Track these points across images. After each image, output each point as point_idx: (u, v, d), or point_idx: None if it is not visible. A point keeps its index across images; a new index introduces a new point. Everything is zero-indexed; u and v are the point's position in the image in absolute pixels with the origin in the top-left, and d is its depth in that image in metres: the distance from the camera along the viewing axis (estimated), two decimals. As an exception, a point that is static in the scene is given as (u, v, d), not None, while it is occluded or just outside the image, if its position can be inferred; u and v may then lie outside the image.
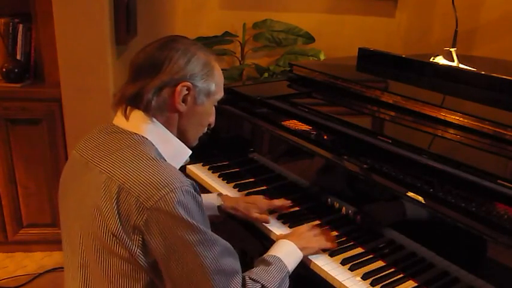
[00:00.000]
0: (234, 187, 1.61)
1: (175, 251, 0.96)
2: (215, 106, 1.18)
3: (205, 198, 1.43)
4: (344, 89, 1.71)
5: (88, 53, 2.19)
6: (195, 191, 1.00)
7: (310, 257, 1.25)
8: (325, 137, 1.49)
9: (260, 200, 1.46)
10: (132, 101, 1.06)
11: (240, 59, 2.82)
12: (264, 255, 1.19)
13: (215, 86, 1.13)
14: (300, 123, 1.57)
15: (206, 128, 1.19)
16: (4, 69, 2.25)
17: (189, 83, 1.06)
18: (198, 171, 1.70)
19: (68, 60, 2.20)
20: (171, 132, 1.10)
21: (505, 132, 1.28)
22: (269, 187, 1.61)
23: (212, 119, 1.19)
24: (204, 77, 1.09)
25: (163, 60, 1.05)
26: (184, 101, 1.08)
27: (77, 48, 2.18)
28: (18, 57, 2.32)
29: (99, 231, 0.97)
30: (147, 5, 2.70)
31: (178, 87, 1.05)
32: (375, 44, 2.12)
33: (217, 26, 2.75)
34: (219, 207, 1.44)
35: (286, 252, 1.20)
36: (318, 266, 1.23)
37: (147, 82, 1.04)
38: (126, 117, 1.07)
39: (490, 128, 1.31)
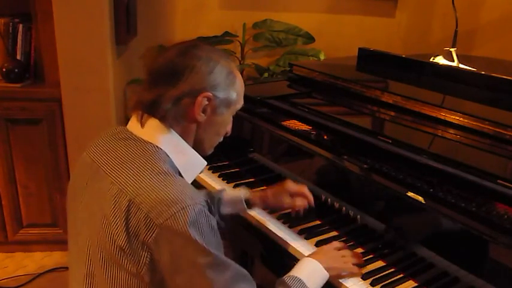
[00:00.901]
0: (234, 187, 1.60)
1: (183, 271, 0.93)
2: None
3: (233, 193, 1.43)
4: (344, 89, 1.71)
5: (88, 53, 2.19)
6: (208, 209, 0.96)
7: (304, 252, 1.25)
8: (325, 137, 1.49)
9: (287, 183, 1.39)
10: (149, 108, 1.02)
11: (240, 59, 2.82)
12: (285, 276, 1.13)
13: (236, 95, 1.09)
14: (300, 123, 1.57)
15: (222, 137, 1.16)
16: (4, 69, 2.25)
17: (210, 94, 1.02)
18: (198, 171, 1.70)
19: (68, 60, 2.20)
20: (187, 142, 1.06)
21: (505, 132, 1.28)
22: (269, 187, 1.60)
23: (229, 128, 1.15)
24: (225, 87, 1.05)
25: (185, 68, 1.00)
26: (203, 111, 1.03)
27: (77, 48, 2.18)
28: (18, 57, 2.32)
29: (107, 243, 0.95)
30: (147, 5, 2.70)
31: (199, 98, 1.01)
32: (374, 44, 2.12)
33: (217, 26, 2.75)
34: (246, 200, 1.39)
35: (310, 272, 1.14)
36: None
37: (166, 90, 1.00)
38: (142, 125, 1.03)
39: (490, 128, 1.31)
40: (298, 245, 1.30)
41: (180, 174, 1.04)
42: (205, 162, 1.11)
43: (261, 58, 2.89)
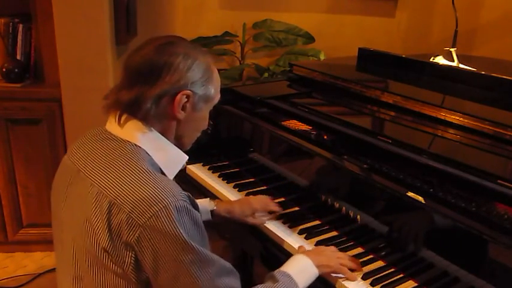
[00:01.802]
0: (234, 187, 1.61)
1: (167, 269, 0.93)
2: (213, 108, 1.16)
3: (199, 201, 1.37)
4: (344, 89, 1.71)
5: (88, 53, 2.19)
6: (191, 205, 0.97)
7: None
8: (325, 137, 1.49)
9: (254, 200, 1.44)
10: (129, 108, 1.01)
11: (240, 59, 2.82)
12: (274, 271, 1.13)
13: (214, 91, 1.10)
14: (300, 123, 1.57)
15: (200, 133, 1.16)
16: (4, 69, 2.25)
17: (189, 91, 1.03)
18: (198, 171, 1.70)
19: (68, 60, 2.20)
20: (168, 138, 1.06)
21: (505, 132, 1.28)
22: (269, 187, 1.61)
23: (207, 123, 1.16)
24: (204, 83, 1.05)
25: (163, 66, 1.00)
26: (183, 108, 1.04)
27: (77, 48, 2.18)
28: (18, 57, 2.32)
29: (91, 246, 0.95)
30: (147, 5, 2.70)
31: (178, 96, 1.01)
32: (374, 44, 2.12)
33: (217, 26, 2.75)
34: (211, 211, 1.40)
35: (300, 268, 1.14)
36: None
37: (146, 90, 0.99)
38: (121, 125, 1.02)
39: (490, 128, 1.31)
40: (298, 245, 1.30)
41: (161, 172, 1.04)
42: (187, 157, 1.11)
43: (261, 58, 2.89)
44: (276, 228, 1.38)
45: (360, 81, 1.71)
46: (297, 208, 1.49)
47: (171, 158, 1.07)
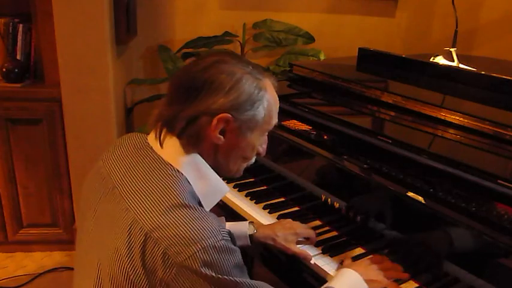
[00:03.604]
0: (234, 187, 1.61)
1: None
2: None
3: (236, 226, 1.31)
4: (344, 89, 1.71)
5: (88, 53, 2.19)
6: (231, 241, 0.91)
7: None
8: (325, 137, 1.49)
9: (297, 225, 1.32)
10: (167, 124, 0.96)
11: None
12: (322, 287, 1.08)
13: (265, 115, 0.98)
14: (300, 123, 1.57)
15: (254, 159, 1.07)
16: (4, 69, 2.25)
17: (228, 115, 0.92)
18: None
19: (68, 60, 2.20)
20: (208, 163, 0.98)
21: (505, 132, 1.28)
22: (269, 187, 1.61)
23: (261, 150, 1.06)
24: (249, 107, 0.94)
25: (203, 85, 0.92)
26: (222, 133, 0.95)
27: (77, 48, 2.18)
28: (18, 57, 2.32)
29: (120, 275, 0.88)
30: (147, 5, 2.70)
31: (215, 120, 0.92)
32: (374, 44, 2.12)
33: (217, 26, 2.75)
34: (250, 236, 1.29)
35: (349, 285, 1.09)
36: (318, 266, 1.23)
37: (182, 109, 0.93)
38: (161, 141, 0.96)
39: (490, 128, 1.31)
40: (298, 245, 1.30)
41: (199, 203, 0.96)
42: (228, 189, 1.03)
43: (261, 58, 2.89)
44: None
45: (360, 81, 1.71)
46: (297, 208, 1.49)
47: (211, 188, 0.99)
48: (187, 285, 0.86)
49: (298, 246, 1.29)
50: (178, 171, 0.94)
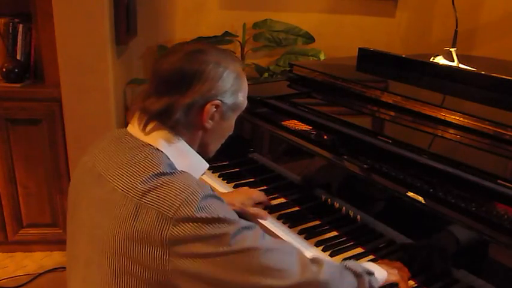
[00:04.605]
0: (234, 187, 1.61)
1: (218, 251, 0.88)
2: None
3: None
4: (344, 89, 1.71)
5: (88, 53, 2.19)
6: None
7: (304, 252, 1.25)
8: (325, 137, 1.49)
9: (252, 191, 1.48)
10: (158, 117, 0.99)
11: (240, 59, 2.82)
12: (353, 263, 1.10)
13: (242, 98, 1.08)
14: (300, 123, 1.57)
15: (225, 140, 1.14)
16: (4, 69, 2.25)
17: (218, 101, 1.01)
18: (198, 171, 1.70)
19: (68, 60, 2.20)
20: (192, 147, 1.04)
21: (505, 132, 1.28)
22: (269, 187, 1.61)
23: (232, 130, 1.14)
24: (233, 92, 1.04)
25: (193, 75, 0.98)
26: (211, 118, 1.02)
27: (77, 48, 2.18)
28: (18, 57, 2.32)
29: (122, 256, 0.90)
30: (147, 5, 2.70)
31: (208, 106, 1.00)
32: (375, 44, 2.12)
33: (217, 26, 2.75)
34: None
35: (369, 264, 1.13)
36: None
37: (176, 99, 0.98)
38: (147, 133, 1.00)
39: (490, 128, 1.31)
40: (298, 245, 1.30)
41: None
42: (207, 165, 1.10)
43: (261, 58, 2.89)
44: (275, 228, 1.38)
45: (360, 81, 1.71)
46: (297, 208, 1.49)
47: (192, 165, 1.04)
48: (188, 235, 0.87)
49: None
50: (157, 149, 0.99)
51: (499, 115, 1.43)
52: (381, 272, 1.13)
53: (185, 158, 1.03)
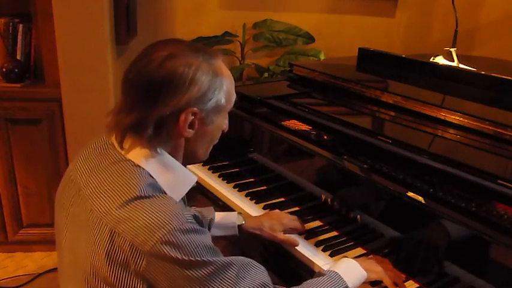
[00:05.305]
0: (234, 187, 1.61)
1: None
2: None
3: (225, 216, 1.36)
4: (344, 89, 1.71)
5: (88, 53, 2.19)
6: (197, 223, 0.92)
7: (305, 253, 1.26)
8: (325, 137, 1.48)
9: (284, 215, 1.36)
10: (132, 131, 0.94)
11: (240, 59, 2.82)
12: (322, 271, 1.10)
13: (225, 97, 0.99)
14: (300, 123, 1.57)
15: (218, 139, 1.08)
16: (4, 69, 2.25)
17: (194, 109, 0.93)
18: (198, 171, 1.70)
19: (68, 60, 2.20)
20: (176, 158, 0.99)
21: (505, 132, 1.28)
22: (269, 187, 1.61)
23: (225, 127, 1.07)
24: (211, 95, 0.95)
25: (161, 85, 0.90)
26: (190, 126, 0.95)
27: (77, 48, 2.18)
28: (18, 57, 2.32)
29: (92, 279, 0.90)
30: (147, 5, 2.70)
31: (182, 116, 0.92)
32: (375, 44, 2.12)
33: (217, 26, 2.75)
34: (239, 226, 1.33)
35: (347, 268, 1.10)
36: (318, 266, 1.23)
37: (144, 114, 0.91)
38: (125, 149, 0.96)
39: (490, 128, 1.31)
40: (298, 245, 1.30)
41: (164, 193, 0.96)
42: (195, 178, 1.04)
43: (261, 58, 2.89)
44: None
45: (360, 81, 1.71)
46: (297, 208, 1.49)
47: (177, 179, 0.99)
48: (161, 272, 0.86)
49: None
50: (138, 165, 0.93)
51: (499, 115, 1.43)
52: (358, 276, 1.10)
53: (169, 173, 0.97)
